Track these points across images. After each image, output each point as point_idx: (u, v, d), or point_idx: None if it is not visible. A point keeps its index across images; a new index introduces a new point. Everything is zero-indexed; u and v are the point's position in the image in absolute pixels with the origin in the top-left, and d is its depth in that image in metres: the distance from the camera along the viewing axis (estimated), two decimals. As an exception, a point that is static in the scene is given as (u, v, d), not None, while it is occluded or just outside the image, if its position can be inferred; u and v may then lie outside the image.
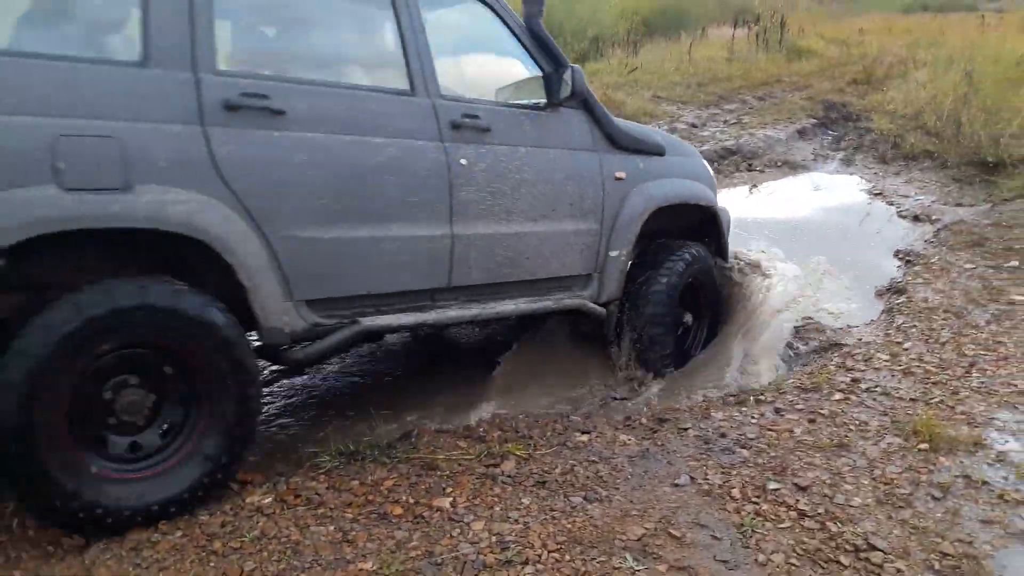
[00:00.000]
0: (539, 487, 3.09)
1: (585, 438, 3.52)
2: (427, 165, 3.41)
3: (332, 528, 2.79)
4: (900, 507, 3.02)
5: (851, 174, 9.52)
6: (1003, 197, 7.66)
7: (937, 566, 2.70)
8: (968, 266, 5.78)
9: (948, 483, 3.17)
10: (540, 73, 3.91)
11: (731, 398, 4.00)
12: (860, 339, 4.66)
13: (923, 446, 3.42)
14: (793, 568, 2.64)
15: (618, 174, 4.21)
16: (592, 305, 4.17)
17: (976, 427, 3.60)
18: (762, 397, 3.93)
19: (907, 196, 8.40)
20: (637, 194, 4.29)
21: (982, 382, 4.04)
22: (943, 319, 4.86)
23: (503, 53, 3.93)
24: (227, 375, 2.87)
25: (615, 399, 4.28)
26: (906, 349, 4.45)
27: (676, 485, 3.10)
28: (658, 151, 4.49)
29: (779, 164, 9.77)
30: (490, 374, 4.44)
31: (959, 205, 7.83)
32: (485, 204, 3.63)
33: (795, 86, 13.85)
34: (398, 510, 2.91)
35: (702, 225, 4.84)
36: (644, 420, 3.70)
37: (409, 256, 3.40)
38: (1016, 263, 5.71)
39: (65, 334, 2.53)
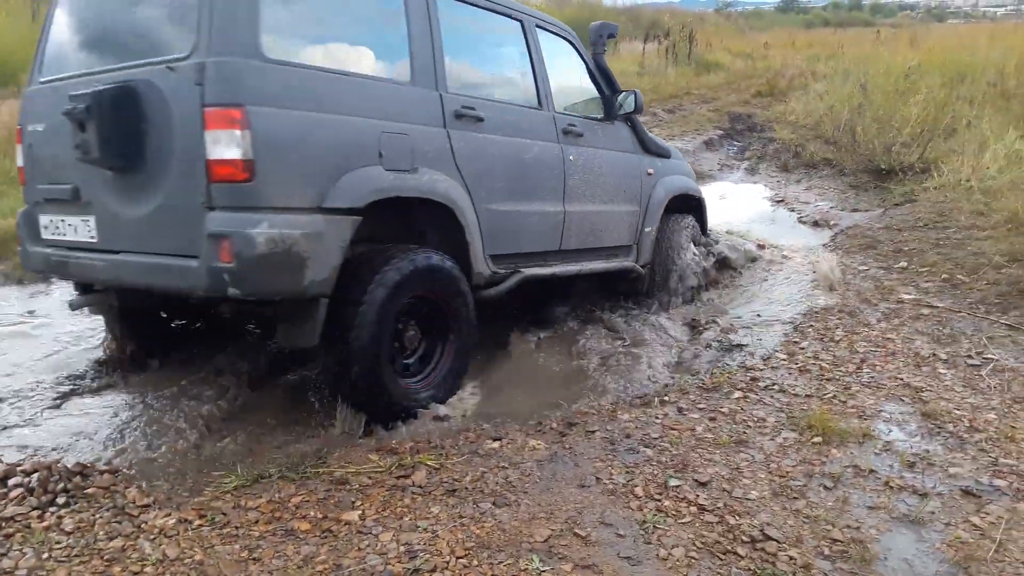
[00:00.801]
0: (449, 495, 3.12)
1: (496, 445, 3.56)
2: (553, 159, 4.73)
3: (238, 547, 2.76)
4: (794, 498, 3.16)
5: (755, 183, 9.89)
6: (894, 202, 8.08)
7: (827, 552, 2.84)
8: (862, 268, 6.08)
9: (839, 473, 3.34)
10: (600, 95, 5.32)
11: (637, 399, 4.11)
12: (760, 339, 4.85)
13: (816, 439, 3.59)
14: (693, 561, 2.74)
15: (649, 171, 5.69)
16: (638, 267, 5.61)
17: (866, 419, 3.80)
18: (667, 398, 4.05)
19: (807, 203, 8.78)
20: (660, 186, 5.79)
21: (872, 377, 4.26)
22: (838, 318, 5.10)
23: (579, 78, 5.31)
24: (462, 314, 3.99)
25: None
26: (803, 348, 4.65)
27: (582, 486, 3.17)
28: (667, 154, 5.96)
29: (688, 174, 10.04)
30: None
31: (855, 210, 8.22)
32: (581, 189, 4.94)
33: (703, 99, 14.32)
34: (306, 525, 2.90)
35: (691, 208, 6.21)
36: (554, 424, 3.77)
37: (542, 225, 4.71)
38: (905, 264, 6.03)
39: (399, 280, 3.59)
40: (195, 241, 3.18)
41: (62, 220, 3.86)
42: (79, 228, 3.77)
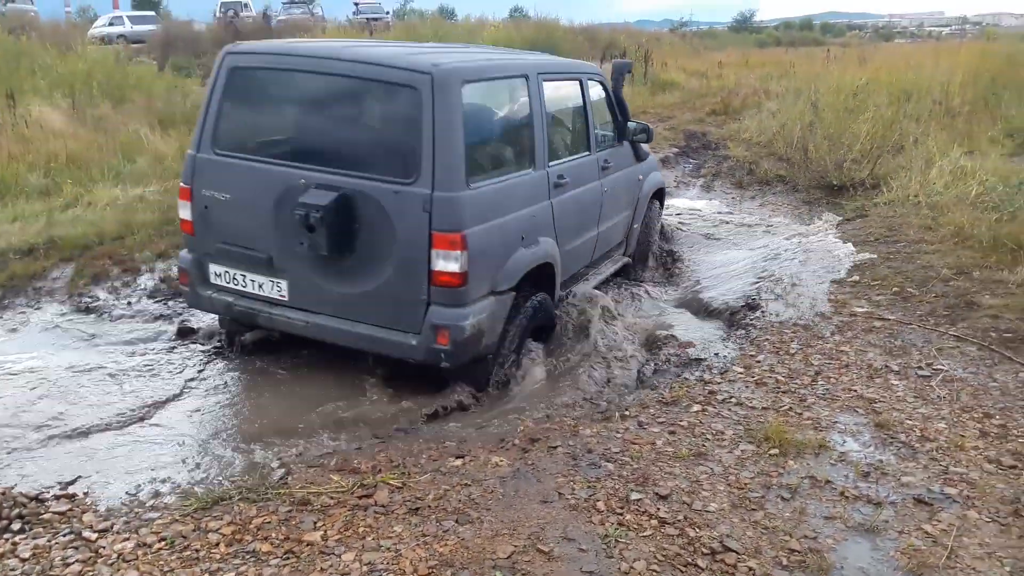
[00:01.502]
0: (412, 514, 3.11)
1: (459, 462, 3.57)
2: (596, 195, 5.57)
3: (198, 570, 2.73)
4: (753, 509, 3.22)
5: (711, 199, 10.04)
6: (846, 217, 8.26)
7: (785, 562, 2.90)
8: (815, 282, 6.20)
9: (796, 484, 3.40)
10: (614, 121, 6.15)
11: (599, 414, 4.14)
12: (717, 353, 4.93)
13: (774, 451, 3.65)
14: (655, 574, 2.78)
15: (639, 176, 6.57)
16: (629, 259, 6.71)
17: (821, 431, 3.88)
18: (627, 412, 4.09)
19: (762, 219, 8.92)
20: (646, 186, 6.71)
21: (826, 389, 4.35)
22: (792, 332, 5.19)
23: (604, 111, 6.07)
24: (550, 327, 5.12)
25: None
26: (759, 361, 4.73)
27: (545, 502, 3.19)
28: (647, 158, 6.80)
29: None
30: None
31: (808, 226, 8.37)
32: (607, 210, 5.81)
33: (659, 117, 14.53)
34: (267, 547, 2.87)
35: (657, 195, 7.19)
36: (517, 441, 3.78)
37: (585, 248, 5.59)
38: (857, 278, 6.17)
39: (531, 315, 4.68)
40: (413, 324, 4.12)
41: (243, 275, 4.49)
42: (266, 286, 4.44)
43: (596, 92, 5.84)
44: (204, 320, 5.37)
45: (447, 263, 3.98)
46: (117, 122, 10.81)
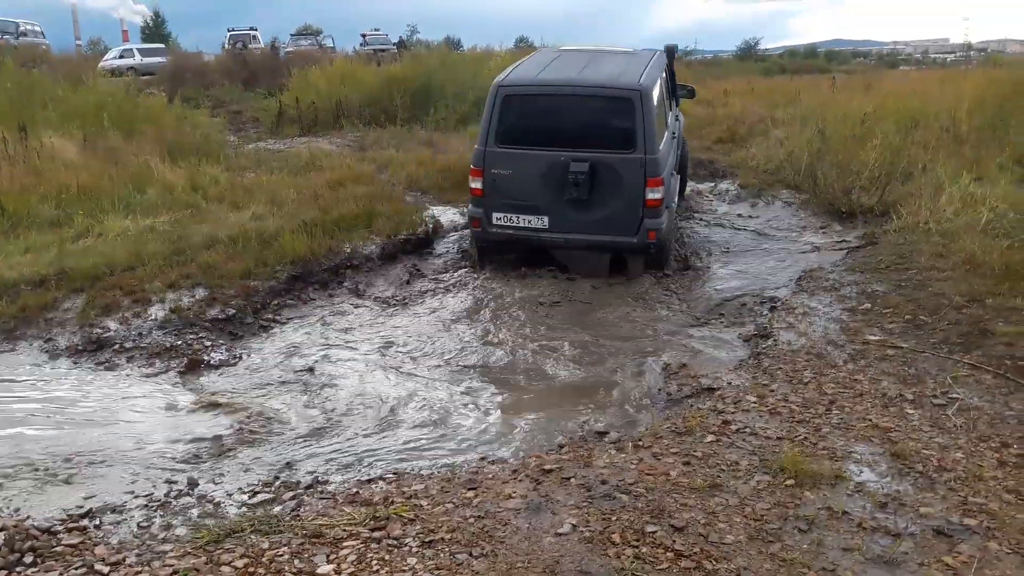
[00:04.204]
0: (425, 547, 3.09)
1: (471, 494, 3.54)
2: (679, 139, 9.31)
3: (210, 604, 2.71)
4: (770, 541, 3.18)
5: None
6: (855, 245, 8.24)
7: (804, 595, 2.85)
8: (826, 310, 6.18)
9: (813, 515, 3.36)
10: (671, 89, 9.08)
11: (611, 445, 4.11)
12: (730, 382, 4.89)
13: (790, 482, 3.62)
14: (672, 608, 2.74)
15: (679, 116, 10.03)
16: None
17: (837, 461, 3.84)
18: (640, 442, 4.06)
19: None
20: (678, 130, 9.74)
21: (841, 418, 4.31)
22: (805, 360, 5.16)
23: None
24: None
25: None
26: (772, 390, 4.70)
27: (559, 534, 3.16)
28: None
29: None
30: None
31: (819, 252, 8.35)
32: (676, 151, 9.00)
33: (666, 144, 14.51)
34: (280, 580, 2.85)
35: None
36: (530, 471, 3.76)
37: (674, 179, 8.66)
38: (868, 305, 6.14)
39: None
40: (632, 230, 7.10)
41: (518, 216, 7.38)
42: (533, 221, 7.34)
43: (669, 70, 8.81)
44: (214, 356, 5.38)
45: (654, 194, 7.03)
46: (127, 153, 10.88)
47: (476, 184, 7.43)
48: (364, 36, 39.82)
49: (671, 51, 9.17)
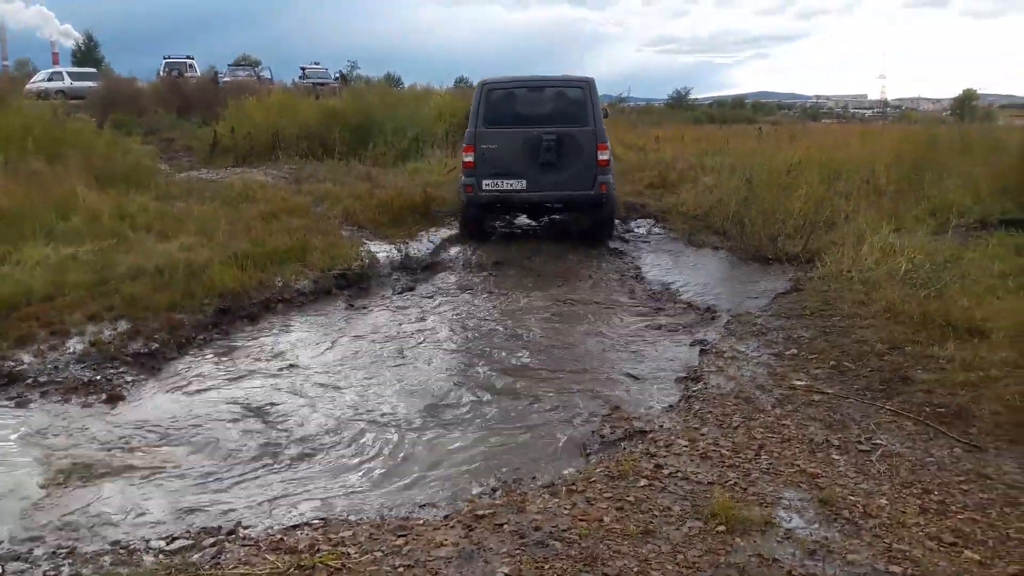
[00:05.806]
0: (352, 597, 2.99)
1: (401, 541, 3.45)
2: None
3: (122, 661, 2.55)
4: (702, 589, 3.17)
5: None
6: (780, 291, 8.46)
7: (736, 645, 2.85)
8: (754, 354, 6.30)
9: (744, 563, 3.37)
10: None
11: (544, 489, 4.07)
12: (661, 425, 4.92)
13: (720, 528, 3.63)
14: (605, 659, 2.69)
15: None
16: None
17: (767, 507, 3.87)
18: (574, 487, 4.03)
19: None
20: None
21: (770, 463, 4.37)
22: (735, 404, 5.24)
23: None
24: None
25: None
26: (703, 434, 4.74)
27: (492, 584, 3.10)
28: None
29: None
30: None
31: (745, 298, 8.54)
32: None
33: (600, 187, 14.73)
34: (198, 634, 2.71)
35: None
36: (462, 518, 3.69)
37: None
38: (795, 351, 6.28)
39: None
40: (589, 184, 10.09)
41: (501, 181, 10.03)
42: (515, 184, 10.02)
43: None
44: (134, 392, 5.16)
45: (603, 155, 10.10)
46: (52, 178, 10.51)
47: (469, 158, 10.12)
48: (304, 69, 39.59)
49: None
